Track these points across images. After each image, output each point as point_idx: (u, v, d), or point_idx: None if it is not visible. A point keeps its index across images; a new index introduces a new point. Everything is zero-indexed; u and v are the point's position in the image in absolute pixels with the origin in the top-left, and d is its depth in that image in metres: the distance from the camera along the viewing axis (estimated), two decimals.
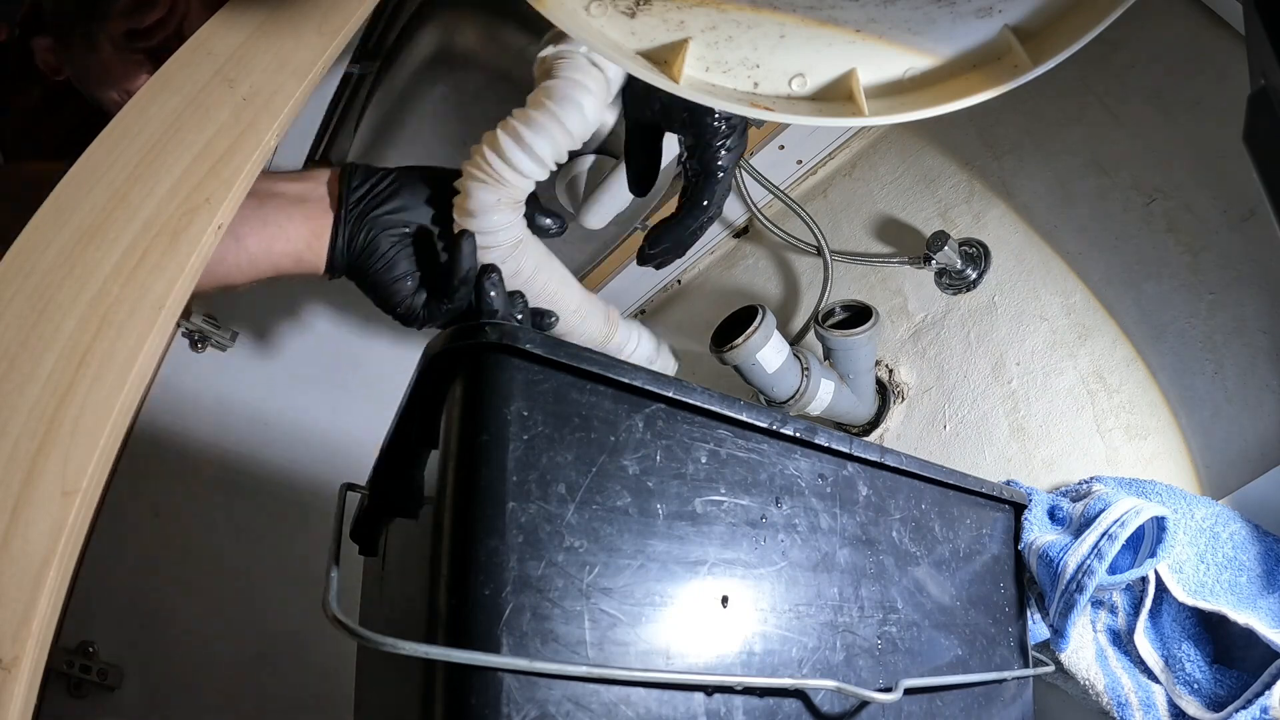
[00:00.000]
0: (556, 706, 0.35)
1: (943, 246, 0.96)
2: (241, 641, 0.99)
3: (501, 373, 0.37)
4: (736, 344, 0.83)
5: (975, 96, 0.46)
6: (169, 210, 0.40)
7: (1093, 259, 0.90)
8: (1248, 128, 0.45)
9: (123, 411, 0.36)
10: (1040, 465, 0.87)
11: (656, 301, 1.41)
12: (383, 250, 0.57)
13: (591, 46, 0.45)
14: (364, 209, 0.57)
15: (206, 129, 0.43)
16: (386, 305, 0.58)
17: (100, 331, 0.36)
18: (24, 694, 0.30)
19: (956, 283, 1.01)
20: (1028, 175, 0.98)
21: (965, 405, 0.96)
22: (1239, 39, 0.82)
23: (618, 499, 0.39)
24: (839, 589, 0.49)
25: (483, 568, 0.34)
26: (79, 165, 0.41)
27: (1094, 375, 0.86)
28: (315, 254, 0.57)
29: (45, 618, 0.31)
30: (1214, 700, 0.63)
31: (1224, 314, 0.79)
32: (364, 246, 0.56)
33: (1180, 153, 0.86)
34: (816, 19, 0.46)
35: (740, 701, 0.41)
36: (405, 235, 0.57)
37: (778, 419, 0.46)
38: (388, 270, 0.57)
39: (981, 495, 0.66)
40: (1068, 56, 0.45)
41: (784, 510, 0.46)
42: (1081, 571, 0.64)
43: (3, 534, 0.31)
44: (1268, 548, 0.69)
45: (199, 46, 0.46)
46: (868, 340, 0.91)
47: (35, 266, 0.37)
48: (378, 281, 0.57)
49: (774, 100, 0.48)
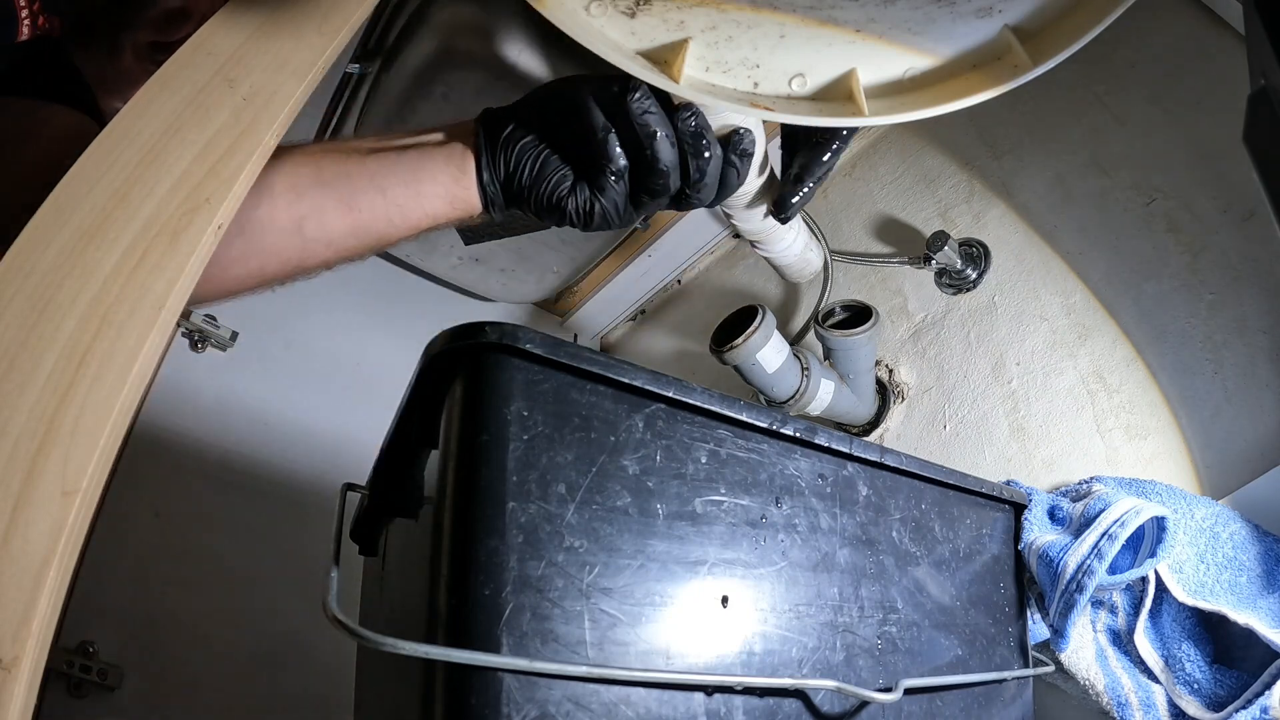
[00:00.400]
0: (556, 706, 0.35)
1: (943, 246, 0.96)
2: (241, 641, 0.99)
3: (501, 373, 0.37)
4: (736, 344, 0.83)
5: (975, 96, 0.46)
6: (169, 210, 0.40)
7: (1093, 259, 0.90)
8: (1248, 128, 0.45)
9: (123, 411, 0.36)
10: (1040, 465, 0.87)
11: (656, 301, 1.41)
12: (529, 162, 0.54)
13: (591, 47, 0.45)
14: (506, 137, 0.55)
15: (206, 129, 0.43)
16: (558, 214, 0.56)
17: (100, 331, 0.36)
18: (24, 694, 0.30)
19: (956, 283, 1.01)
20: (1028, 175, 0.98)
21: (965, 405, 0.96)
22: (1239, 39, 0.82)
23: (618, 499, 0.39)
24: (839, 589, 0.49)
25: (483, 568, 0.34)
26: (79, 165, 0.41)
27: (1094, 375, 0.86)
28: (465, 190, 0.55)
29: (45, 618, 0.31)
30: (1214, 700, 0.63)
31: (1224, 314, 0.79)
32: (511, 169, 0.55)
33: (1180, 153, 0.86)
34: (816, 19, 0.46)
35: (740, 701, 0.41)
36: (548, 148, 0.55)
37: (778, 419, 0.46)
38: (540, 179, 0.54)
39: (981, 495, 0.66)
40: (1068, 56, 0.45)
41: (784, 510, 0.46)
42: (1081, 571, 0.64)
43: (3, 534, 0.31)
44: (1268, 548, 0.69)
45: (199, 46, 0.46)
46: (868, 340, 0.91)
47: (35, 266, 0.37)
48: (537, 194, 0.55)
49: (774, 100, 0.48)
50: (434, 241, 1.13)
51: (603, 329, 1.47)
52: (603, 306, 1.43)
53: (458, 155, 0.55)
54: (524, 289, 1.27)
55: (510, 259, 1.18)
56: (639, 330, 1.44)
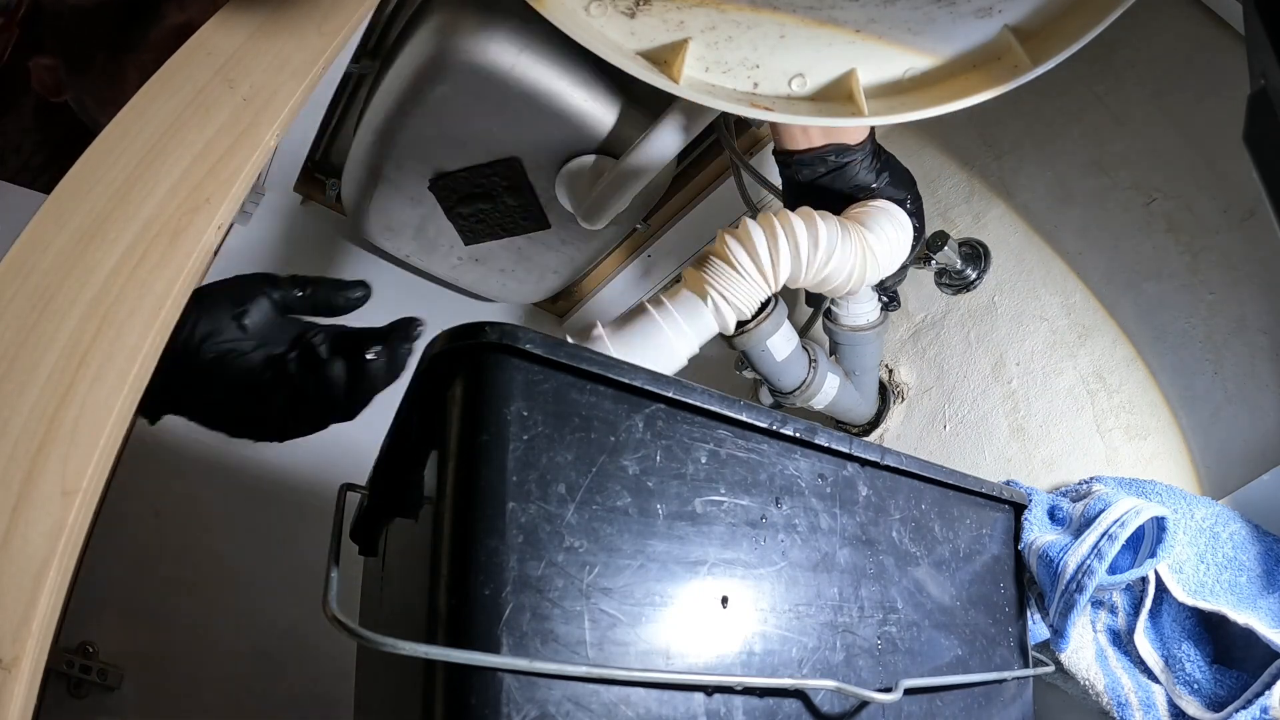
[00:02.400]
0: (556, 706, 0.35)
1: (943, 246, 0.96)
2: (241, 641, 0.99)
3: (501, 373, 0.37)
4: (748, 329, 0.83)
5: (975, 96, 0.46)
6: (169, 210, 0.40)
7: (1093, 259, 0.90)
8: (1248, 128, 0.45)
9: (123, 411, 0.36)
10: (1040, 465, 0.87)
11: None
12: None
13: (591, 47, 0.45)
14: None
15: (206, 129, 0.43)
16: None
17: (100, 331, 0.36)
18: (24, 694, 0.30)
19: (956, 283, 1.01)
20: (1028, 175, 0.98)
21: (965, 405, 0.96)
22: (1239, 39, 0.82)
23: (618, 499, 0.39)
24: (839, 589, 0.49)
25: (483, 568, 0.34)
26: (79, 165, 0.41)
27: (1094, 375, 0.86)
28: None
29: (45, 618, 0.31)
30: (1214, 700, 0.63)
31: (1224, 314, 0.79)
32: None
33: (1180, 153, 0.86)
34: (816, 19, 0.46)
35: (740, 701, 0.41)
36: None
37: (778, 419, 0.46)
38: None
39: (981, 495, 0.66)
40: (1068, 56, 0.45)
41: (784, 510, 0.46)
42: (1081, 571, 0.64)
43: (3, 534, 0.31)
44: (1268, 548, 0.69)
45: (199, 46, 0.46)
46: (875, 337, 0.91)
47: (35, 266, 0.37)
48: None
49: (774, 100, 0.48)
50: (434, 241, 1.13)
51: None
52: (603, 306, 1.43)
53: None
54: (524, 289, 1.27)
55: (510, 259, 1.18)
56: None
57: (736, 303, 0.54)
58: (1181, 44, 0.87)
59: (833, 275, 0.57)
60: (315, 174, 1.20)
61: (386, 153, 0.95)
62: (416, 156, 0.96)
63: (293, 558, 1.02)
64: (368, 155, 0.97)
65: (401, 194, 1.03)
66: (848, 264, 0.57)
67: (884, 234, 0.63)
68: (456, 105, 0.87)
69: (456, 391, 0.38)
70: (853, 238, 0.57)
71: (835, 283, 0.59)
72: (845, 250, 0.56)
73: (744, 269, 0.53)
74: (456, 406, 0.38)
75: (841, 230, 0.57)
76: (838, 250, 0.55)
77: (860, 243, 0.59)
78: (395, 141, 0.94)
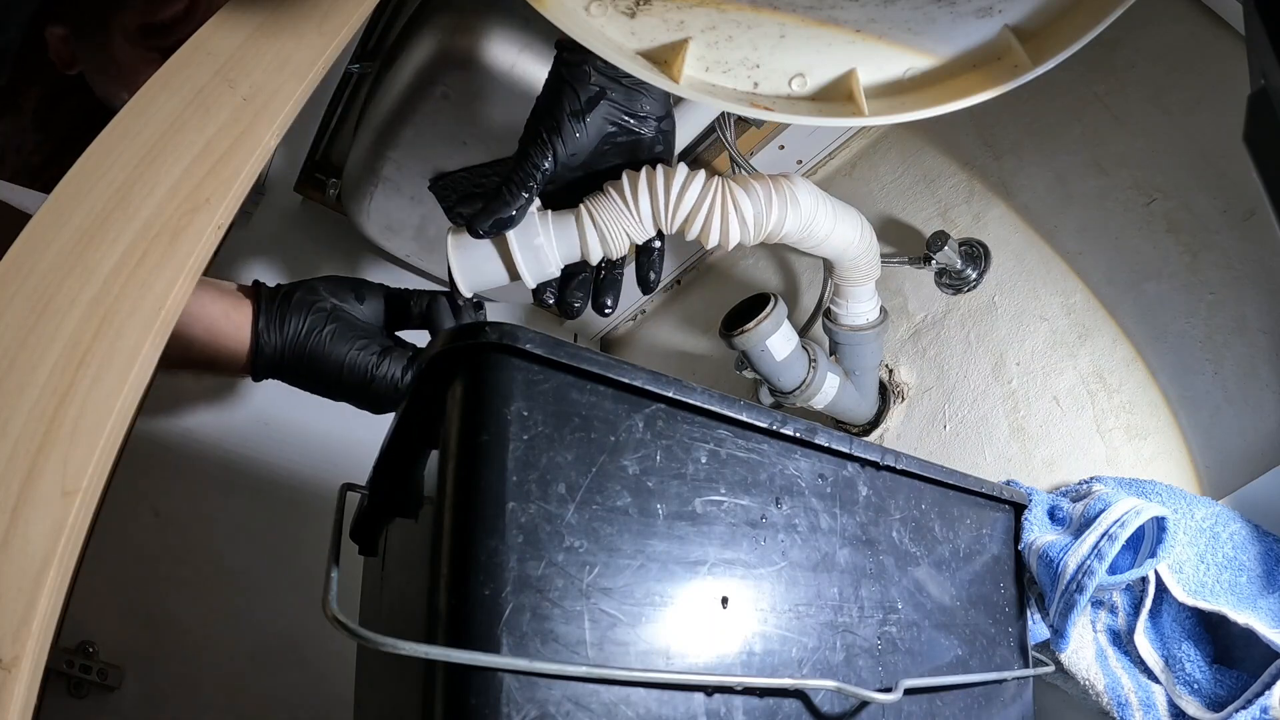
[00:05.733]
0: (556, 706, 0.35)
1: (943, 246, 0.96)
2: (242, 641, 0.99)
3: (501, 373, 0.37)
4: (748, 328, 0.83)
5: (975, 96, 0.46)
6: (169, 210, 0.40)
7: (1093, 259, 0.90)
8: (1248, 128, 0.45)
9: (123, 411, 0.36)
10: (1040, 465, 0.87)
11: (657, 301, 1.41)
12: (320, 325, 0.54)
13: (592, 47, 0.45)
14: (284, 295, 0.55)
15: (206, 129, 0.43)
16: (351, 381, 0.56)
17: (100, 331, 0.36)
18: (24, 694, 0.30)
19: (956, 283, 1.01)
20: (1028, 175, 0.98)
21: (965, 405, 0.96)
22: (1239, 39, 0.82)
23: (618, 499, 0.39)
24: (839, 589, 0.49)
25: (483, 568, 0.34)
26: (79, 165, 0.41)
27: (1094, 375, 0.86)
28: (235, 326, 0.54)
29: (45, 618, 0.31)
30: (1214, 700, 0.63)
31: (1224, 314, 0.79)
32: (299, 327, 0.54)
33: (1180, 153, 0.86)
34: (816, 19, 0.46)
35: (740, 701, 0.41)
36: (332, 309, 0.56)
37: (778, 419, 0.46)
38: (335, 341, 0.55)
39: (981, 495, 0.66)
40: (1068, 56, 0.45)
41: (784, 510, 0.46)
42: (1081, 572, 0.64)
43: (3, 534, 0.31)
44: (1268, 548, 0.69)
45: (199, 46, 0.46)
46: (875, 337, 0.91)
47: (35, 266, 0.37)
48: (328, 354, 0.55)
49: (774, 100, 0.48)
50: (434, 241, 1.13)
51: (603, 329, 1.47)
52: None
53: (232, 296, 0.55)
54: (524, 289, 1.26)
55: None
56: (639, 330, 1.44)
57: (602, 224, 0.61)
58: (1181, 44, 0.87)
59: (693, 225, 0.63)
60: (315, 174, 1.20)
61: (386, 153, 0.95)
62: (416, 156, 0.96)
63: (293, 558, 1.02)
64: (368, 155, 0.97)
65: (401, 194, 1.03)
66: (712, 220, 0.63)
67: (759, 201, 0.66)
68: (456, 105, 0.87)
69: (456, 391, 0.38)
70: (719, 197, 0.63)
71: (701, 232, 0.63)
72: (707, 205, 0.62)
73: (614, 197, 0.61)
74: (456, 406, 0.38)
75: (716, 189, 0.62)
76: (697, 202, 0.61)
77: (726, 202, 0.63)
78: (395, 141, 0.94)
